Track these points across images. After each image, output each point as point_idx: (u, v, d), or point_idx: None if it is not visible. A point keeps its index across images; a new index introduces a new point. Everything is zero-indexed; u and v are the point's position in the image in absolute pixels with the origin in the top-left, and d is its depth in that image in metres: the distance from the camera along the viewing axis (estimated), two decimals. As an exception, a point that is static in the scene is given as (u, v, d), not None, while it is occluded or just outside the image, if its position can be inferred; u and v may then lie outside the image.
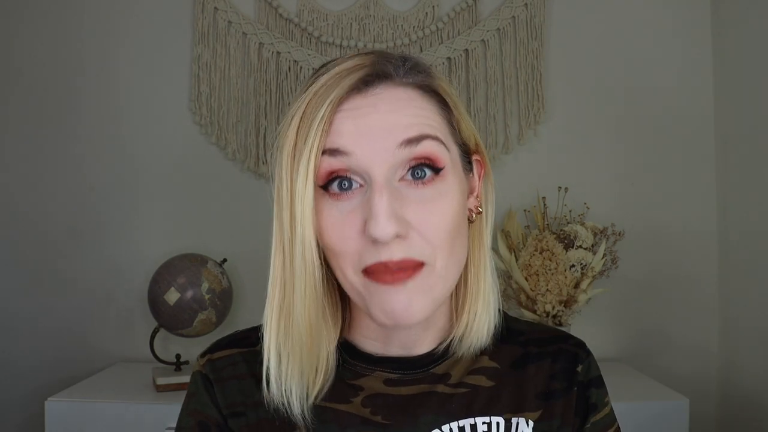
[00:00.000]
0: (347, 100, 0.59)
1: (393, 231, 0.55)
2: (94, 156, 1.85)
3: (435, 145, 0.59)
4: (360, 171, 0.57)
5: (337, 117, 0.58)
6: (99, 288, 1.84)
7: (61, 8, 1.85)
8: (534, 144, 1.86)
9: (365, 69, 0.60)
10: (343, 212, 0.58)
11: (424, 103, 0.61)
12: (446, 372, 0.67)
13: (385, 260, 0.56)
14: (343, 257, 0.58)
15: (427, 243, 0.57)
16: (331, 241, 0.58)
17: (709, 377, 1.85)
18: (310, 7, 1.87)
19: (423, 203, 0.58)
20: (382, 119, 0.58)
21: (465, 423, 0.65)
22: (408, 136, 0.57)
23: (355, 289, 0.60)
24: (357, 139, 0.57)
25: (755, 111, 1.70)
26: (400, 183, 0.58)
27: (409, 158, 0.58)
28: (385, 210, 0.55)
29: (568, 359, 0.70)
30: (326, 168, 0.58)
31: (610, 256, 1.75)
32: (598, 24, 1.88)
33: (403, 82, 0.61)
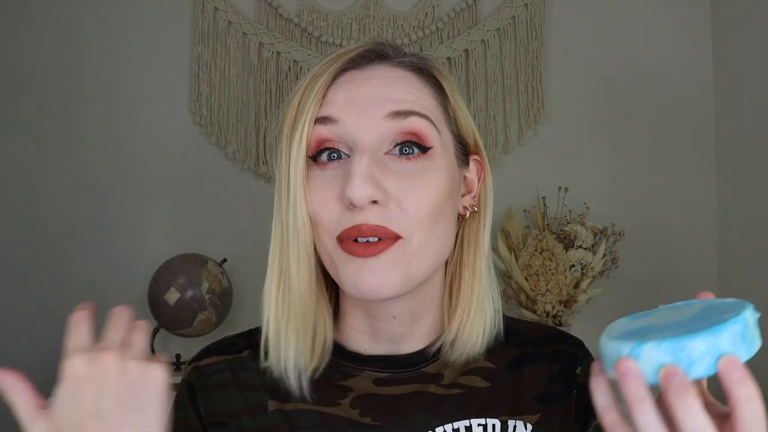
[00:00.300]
0: (343, 74, 0.61)
1: (368, 193, 0.54)
2: (94, 156, 1.85)
3: (423, 123, 0.59)
4: (347, 139, 0.58)
5: (331, 88, 0.60)
6: (99, 288, 1.84)
7: (61, 8, 1.85)
8: (534, 144, 1.86)
9: (364, 47, 0.62)
10: (326, 179, 0.58)
11: (418, 84, 0.62)
12: (438, 372, 0.65)
13: (359, 223, 0.55)
14: (321, 225, 0.58)
15: (405, 216, 0.57)
16: (311, 208, 0.59)
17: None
18: (310, 7, 1.87)
19: (406, 176, 0.58)
20: (374, 90, 0.59)
21: (459, 425, 0.63)
22: (396, 109, 0.58)
23: (330, 259, 0.59)
24: (346, 107, 0.58)
25: (755, 111, 1.70)
26: (385, 155, 0.58)
27: (396, 131, 0.58)
28: (362, 172, 0.55)
29: (566, 361, 0.69)
30: (316, 136, 0.59)
31: (610, 256, 1.75)
32: (598, 24, 1.88)
33: (399, 62, 0.62)
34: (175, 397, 0.69)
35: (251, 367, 0.66)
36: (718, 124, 1.86)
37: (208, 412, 0.66)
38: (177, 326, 1.61)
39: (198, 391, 0.67)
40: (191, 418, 0.66)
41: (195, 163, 1.85)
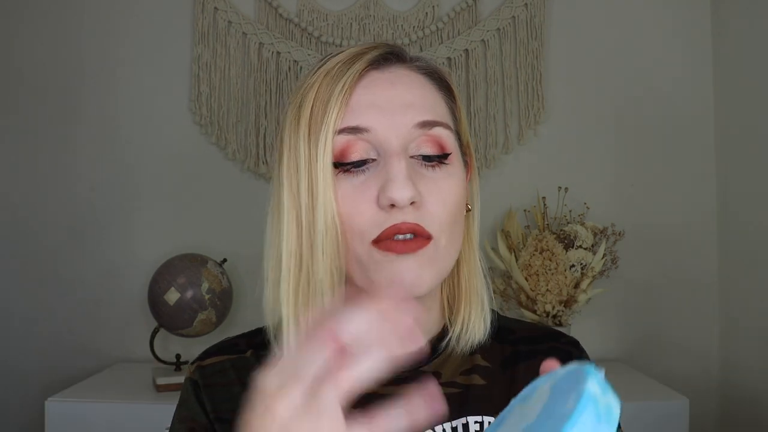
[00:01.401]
0: (365, 76, 0.61)
1: (410, 194, 0.56)
2: (94, 156, 1.85)
3: (445, 133, 0.61)
4: (377, 144, 0.59)
5: (356, 91, 0.60)
6: (99, 288, 1.84)
7: (61, 8, 1.85)
8: (534, 144, 1.86)
9: (381, 48, 0.63)
10: (355, 185, 0.59)
11: (433, 90, 0.64)
12: (436, 371, 0.66)
13: (399, 222, 0.57)
14: (353, 230, 0.59)
15: (435, 218, 0.59)
16: (342, 213, 0.59)
17: (709, 377, 1.85)
18: (310, 7, 1.86)
19: (433, 181, 0.60)
20: (401, 96, 0.60)
21: (457, 423, 0.64)
22: (424, 119, 0.60)
23: (360, 263, 0.59)
24: (376, 114, 0.59)
25: (755, 111, 1.70)
26: (411, 159, 0.60)
27: (421, 139, 0.60)
28: (404, 173, 0.57)
29: (561, 358, 0.68)
30: (344, 144, 0.59)
31: (610, 256, 1.75)
32: (598, 24, 1.88)
33: (414, 66, 0.64)
34: (180, 396, 0.70)
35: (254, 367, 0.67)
36: (718, 124, 1.86)
37: (213, 407, 0.67)
38: (177, 326, 1.61)
39: (203, 388, 0.68)
40: (198, 414, 0.67)
41: (195, 163, 1.85)
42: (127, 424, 1.46)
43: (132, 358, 1.83)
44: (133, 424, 1.45)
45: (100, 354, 1.82)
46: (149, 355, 1.69)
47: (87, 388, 1.57)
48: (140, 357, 1.80)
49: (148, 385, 1.58)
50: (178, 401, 0.70)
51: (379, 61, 0.62)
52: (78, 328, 1.83)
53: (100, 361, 1.81)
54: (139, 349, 1.80)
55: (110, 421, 1.46)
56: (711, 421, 1.83)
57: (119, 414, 1.47)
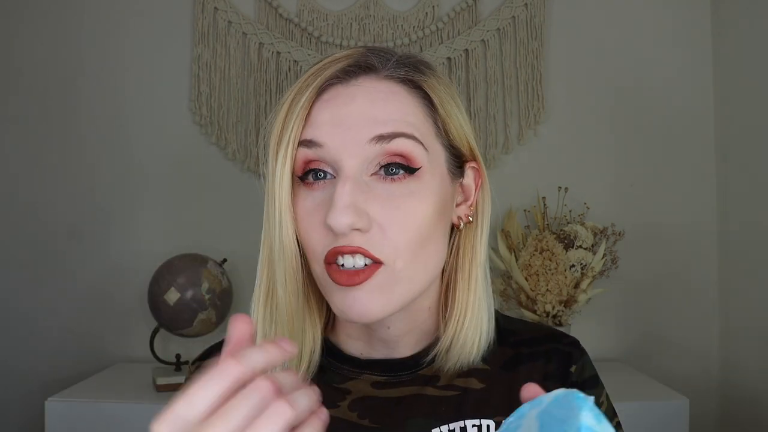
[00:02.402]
0: (328, 90, 0.59)
1: (348, 221, 0.54)
2: (94, 156, 1.85)
3: (410, 144, 0.57)
4: (331, 162, 0.57)
5: (316, 106, 0.59)
6: (99, 288, 1.84)
7: (62, 8, 1.85)
8: (534, 144, 1.86)
9: (349, 60, 0.60)
10: (315, 202, 0.58)
11: (406, 99, 0.59)
12: (435, 374, 0.66)
13: (341, 245, 0.55)
14: (309, 249, 0.59)
15: (388, 242, 0.56)
16: (300, 231, 0.59)
17: (709, 377, 1.85)
18: (310, 7, 1.86)
19: (390, 200, 0.57)
20: (358, 111, 0.57)
21: (455, 426, 0.63)
22: (380, 132, 0.57)
23: (320, 283, 0.60)
24: (330, 129, 0.57)
25: (755, 111, 1.70)
26: (370, 177, 0.57)
27: (381, 154, 0.57)
28: (344, 200, 0.54)
29: (561, 359, 0.69)
30: (302, 158, 0.58)
31: (610, 256, 1.75)
32: (598, 24, 1.88)
33: (386, 76, 0.60)
34: None
35: None
36: (718, 124, 1.86)
37: None
38: (177, 326, 1.61)
39: None
40: None
41: (195, 163, 1.85)
42: (127, 424, 1.46)
43: (132, 358, 1.83)
44: (133, 424, 1.45)
45: (100, 354, 1.82)
46: (149, 355, 1.69)
47: (87, 388, 1.57)
48: (140, 357, 1.80)
49: (148, 385, 1.58)
50: None
51: (346, 73, 0.59)
52: (78, 328, 1.83)
53: (100, 361, 1.81)
54: (139, 349, 1.80)
55: (110, 421, 1.46)
56: (711, 421, 1.83)
57: (119, 414, 1.47)
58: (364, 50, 0.62)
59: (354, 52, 0.61)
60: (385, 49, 0.63)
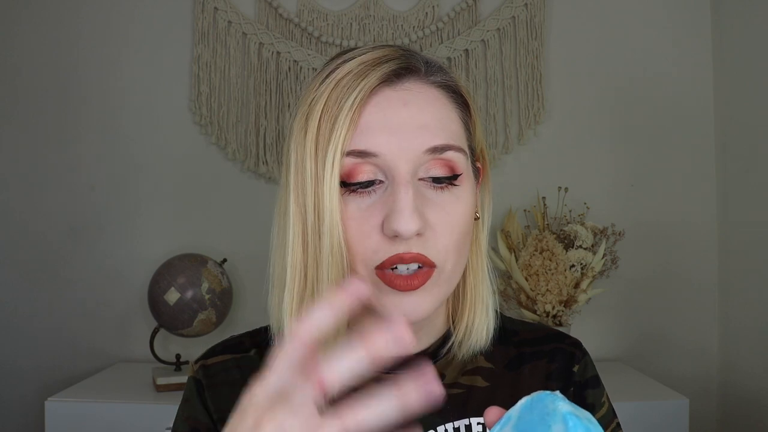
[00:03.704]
0: (376, 93, 0.58)
1: (416, 227, 0.55)
2: (94, 156, 1.85)
3: (456, 155, 0.59)
4: (384, 168, 0.58)
5: (366, 109, 0.58)
6: (99, 288, 1.84)
7: (61, 9, 1.85)
8: (534, 144, 1.86)
9: (395, 61, 0.59)
10: (362, 207, 0.58)
11: (448, 105, 0.61)
12: (440, 372, 0.67)
13: (401, 252, 0.56)
14: (356, 254, 0.58)
15: (440, 245, 0.58)
16: (347, 237, 0.58)
17: (709, 377, 1.85)
18: (310, 7, 1.86)
19: (441, 205, 0.59)
20: (413, 118, 0.58)
21: (460, 424, 0.64)
22: (435, 144, 0.58)
23: None
24: (386, 137, 0.57)
25: (755, 111, 1.70)
26: (420, 182, 0.59)
27: (432, 161, 0.58)
28: (410, 205, 0.56)
29: (564, 359, 0.70)
30: (350, 165, 0.57)
31: (610, 256, 1.75)
32: (598, 24, 1.88)
33: (430, 80, 0.61)
34: (184, 393, 0.70)
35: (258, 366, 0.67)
36: (718, 124, 1.86)
37: (216, 407, 0.67)
38: (177, 326, 1.61)
39: (206, 388, 0.68)
40: (201, 414, 0.67)
41: (195, 163, 1.85)
42: (127, 424, 1.46)
43: (132, 358, 1.83)
44: (133, 424, 1.45)
45: (100, 354, 1.82)
46: (149, 355, 1.69)
47: (87, 388, 1.57)
48: (140, 357, 1.80)
49: (148, 385, 1.58)
50: (182, 396, 0.70)
51: (392, 75, 0.59)
52: (78, 328, 1.83)
53: (100, 361, 1.81)
54: (139, 349, 1.80)
55: (110, 421, 1.46)
56: (711, 421, 1.83)
57: (119, 414, 1.47)
58: (400, 51, 0.61)
59: (392, 53, 0.60)
60: (403, 46, 0.63)
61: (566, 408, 0.39)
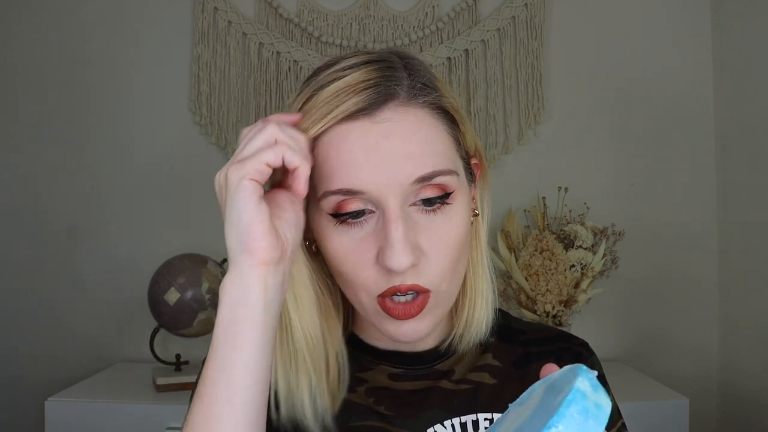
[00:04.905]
0: (356, 125, 0.57)
1: (409, 262, 0.56)
2: (94, 156, 1.85)
3: (446, 178, 0.58)
4: (372, 200, 0.57)
5: (347, 146, 0.56)
6: (99, 288, 1.84)
7: (62, 8, 1.85)
8: (534, 144, 1.86)
9: (371, 91, 0.57)
10: (355, 239, 0.58)
11: (434, 125, 0.59)
12: (450, 368, 0.68)
13: (397, 284, 0.58)
14: (358, 285, 0.60)
15: (434, 270, 0.59)
16: (344, 269, 0.59)
17: (709, 377, 1.85)
18: (310, 7, 1.87)
19: (432, 229, 0.58)
20: (396, 150, 0.56)
21: (467, 419, 0.65)
22: (422, 174, 0.57)
23: (366, 310, 0.62)
24: (370, 173, 0.56)
25: (755, 111, 1.70)
26: (410, 208, 0.58)
27: (420, 189, 0.58)
28: (401, 241, 0.56)
29: (571, 358, 0.71)
30: (336, 202, 0.58)
31: (610, 256, 1.75)
32: (598, 24, 1.88)
33: (411, 103, 0.58)
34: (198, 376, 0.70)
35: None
36: (718, 124, 1.86)
37: None
38: (177, 326, 1.61)
39: None
40: None
41: (195, 163, 1.85)
42: (127, 424, 1.46)
43: (132, 358, 1.83)
44: (133, 424, 1.45)
45: (100, 354, 1.82)
46: (149, 355, 1.69)
47: (87, 388, 1.57)
48: (140, 357, 1.80)
49: (148, 385, 1.58)
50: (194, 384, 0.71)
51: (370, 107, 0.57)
52: (78, 328, 1.83)
53: (100, 361, 1.81)
54: (139, 349, 1.80)
55: (110, 421, 1.46)
56: (711, 421, 1.83)
57: (119, 414, 1.47)
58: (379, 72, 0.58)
59: (370, 75, 0.58)
60: (388, 60, 0.60)
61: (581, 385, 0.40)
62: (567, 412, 0.39)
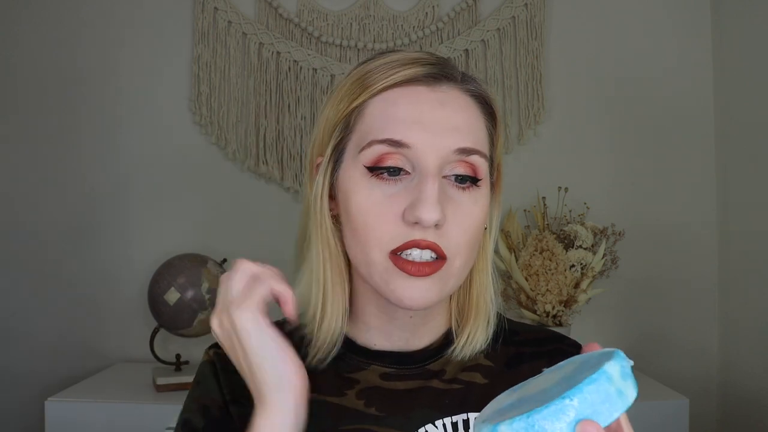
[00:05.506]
0: (414, 90, 0.62)
1: (438, 216, 0.58)
2: (94, 156, 1.85)
3: (481, 161, 0.63)
4: (414, 160, 0.61)
5: (402, 106, 0.61)
6: (99, 288, 1.84)
7: (62, 8, 1.85)
8: (534, 144, 1.86)
9: (434, 66, 0.63)
10: (386, 194, 0.61)
11: (478, 114, 0.65)
12: (441, 368, 0.68)
13: (418, 238, 0.59)
14: (373, 237, 0.61)
15: (453, 241, 0.61)
16: (367, 220, 0.61)
17: (709, 377, 1.85)
18: (310, 7, 1.87)
19: (459, 205, 0.62)
20: (447, 118, 0.61)
21: (458, 418, 0.66)
22: (465, 146, 0.61)
23: (376, 269, 0.62)
24: (419, 132, 0.60)
25: (755, 111, 1.70)
26: (444, 180, 0.62)
27: (458, 162, 0.62)
28: (435, 196, 0.59)
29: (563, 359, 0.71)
30: (379, 152, 0.61)
31: (610, 256, 1.75)
32: (598, 24, 1.88)
33: (464, 88, 0.64)
34: (194, 379, 0.72)
35: None
36: (718, 124, 1.86)
37: (229, 389, 0.69)
38: (177, 326, 1.61)
39: (220, 370, 0.70)
40: (213, 391, 0.69)
41: (195, 163, 1.85)
42: (127, 424, 1.46)
43: (132, 358, 1.83)
44: (133, 424, 1.45)
45: (100, 354, 1.82)
46: (149, 355, 1.69)
47: (87, 388, 1.57)
48: (140, 357, 1.80)
49: (148, 385, 1.58)
50: (192, 383, 0.72)
51: (430, 77, 0.63)
52: (78, 328, 1.83)
53: (100, 361, 1.81)
54: (139, 349, 1.80)
55: (110, 421, 1.46)
56: (711, 421, 1.83)
57: (119, 414, 1.47)
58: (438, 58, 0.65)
59: (430, 57, 0.64)
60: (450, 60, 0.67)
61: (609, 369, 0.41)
62: (586, 389, 0.40)
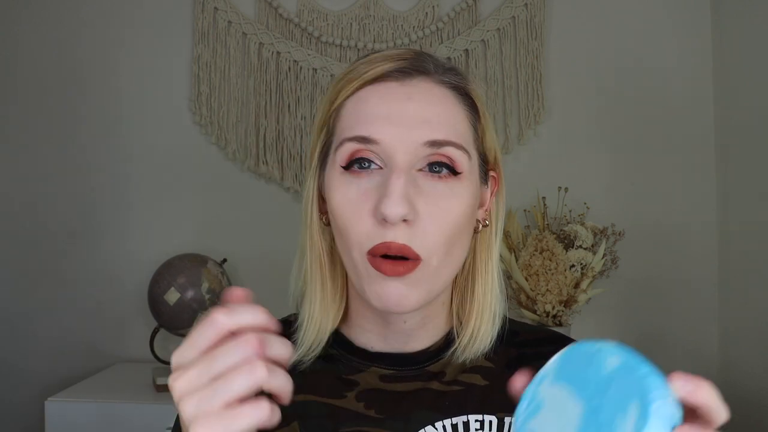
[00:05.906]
0: (383, 87, 0.62)
1: (402, 212, 0.57)
2: (94, 156, 1.85)
3: (457, 153, 0.61)
4: (383, 155, 0.60)
5: (372, 101, 0.61)
6: (99, 288, 1.84)
7: (62, 8, 1.85)
8: (534, 144, 1.86)
9: (405, 61, 0.63)
10: (360, 190, 0.60)
11: (455, 105, 0.63)
12: (441, 370, 0.68)
13: (388, 241, 0.58)
14: (351, 237, 0.60)
15: (427, 237, 0.59)
16: (343, 218, 0.61)
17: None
18: (310, 7, 1.87)
19: (434, 197, 0.60)
20: (414, 111, 0.60)
21: (458, 420, 0.65)
22: (434, 138, 0.60)
23: (356, 271, 0.61)
24: (386, 126, 0.60)
25: (755, 111, 1.70)
26: (417, 173, 0.60)
27: (430, 155, 0.60)
28: (399, 191, 0.57)
29: None
30: (351, 150, 0.61)
31: (610, 256, 1.75)
32: (598, 24, 1.88)
33: (438, 80, 0.63)
34: None
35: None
36: (718, 123, 1.86)
37: None
38: (177, 326, 1.61)
39: None
40: None
41: (195, 163, 1.85)
42: (127, 424, 1.46)
43: (132, 358, 1.83)
44: (133, 424, 1.45)
45: (100, 354, 1.82)
46: (149, 355, 1.69)
47: (87, 388, 1.57)
48: (140, 357, 1.80)
49: (148, 385, 1.58)
50: None
51: (401, 72, 0.62)
52: (78, 328, 1.83)
53: (100, 361, 1.81)
54: (139, 349, 1.80)
55: (110, 421, 1.46)
56: (711, 421, 1.82)
57: (119, 414, 1.47)
58: (415, 54, 0.65)
59: (406, 53, 0.64)
60: (434, 55, 0.67)
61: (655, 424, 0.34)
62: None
